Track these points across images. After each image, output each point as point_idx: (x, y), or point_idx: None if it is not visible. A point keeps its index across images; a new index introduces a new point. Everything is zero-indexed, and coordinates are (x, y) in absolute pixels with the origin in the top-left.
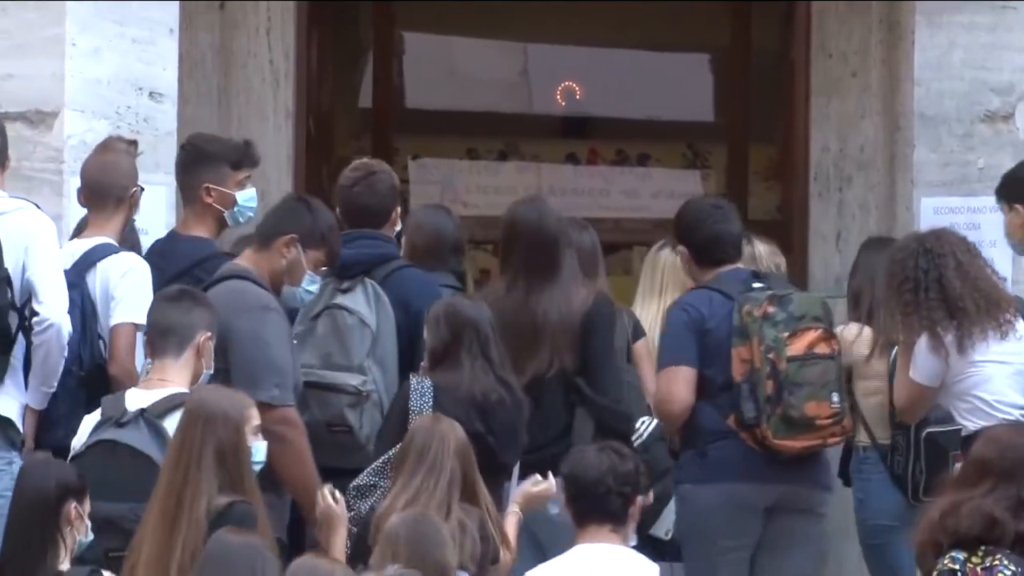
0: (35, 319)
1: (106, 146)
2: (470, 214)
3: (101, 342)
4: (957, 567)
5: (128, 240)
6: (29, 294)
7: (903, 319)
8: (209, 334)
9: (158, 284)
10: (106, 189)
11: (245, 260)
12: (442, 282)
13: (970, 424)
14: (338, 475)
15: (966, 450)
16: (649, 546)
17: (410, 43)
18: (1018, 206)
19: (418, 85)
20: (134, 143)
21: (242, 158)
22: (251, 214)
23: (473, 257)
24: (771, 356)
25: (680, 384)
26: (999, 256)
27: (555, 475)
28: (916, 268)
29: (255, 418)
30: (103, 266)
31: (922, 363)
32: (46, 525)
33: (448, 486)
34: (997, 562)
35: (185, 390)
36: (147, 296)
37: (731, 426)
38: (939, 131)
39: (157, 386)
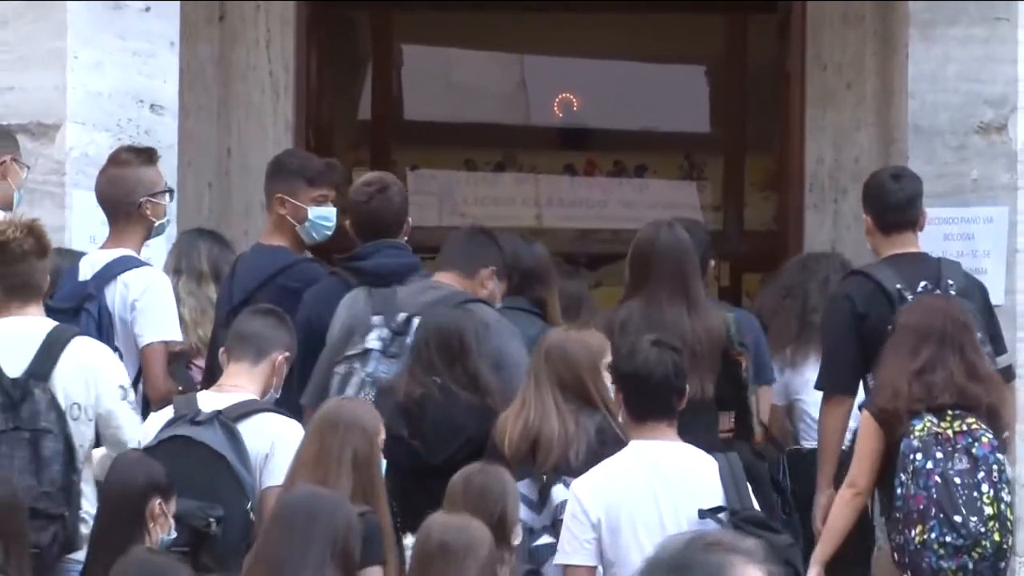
0: None
1: (112, 159)
2: (467, 224)
3: (116, 354)
4: (939, 430)
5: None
6: None
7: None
8: (288, 354)
9: (242, 292)
10: (115, 202)
11: (455, 284)
12: (513, 305)
13: (805, 444)
14: None
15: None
16: None
17: (408, 55)
18: (865, 215)
19: (416, 97)
20: (148, 150)
21: (318, 175)
22: (327, 231)
23: None
24: None
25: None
26: (992, 265)
27: None
28: (790, 279)
29: (383, 432)
30: (123, 279)
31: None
32: (131, 520)
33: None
34: (976, 425)
35: (257, 398)
36: (171, 310)
37: None
38: (933, 143)
39: (230, 391)
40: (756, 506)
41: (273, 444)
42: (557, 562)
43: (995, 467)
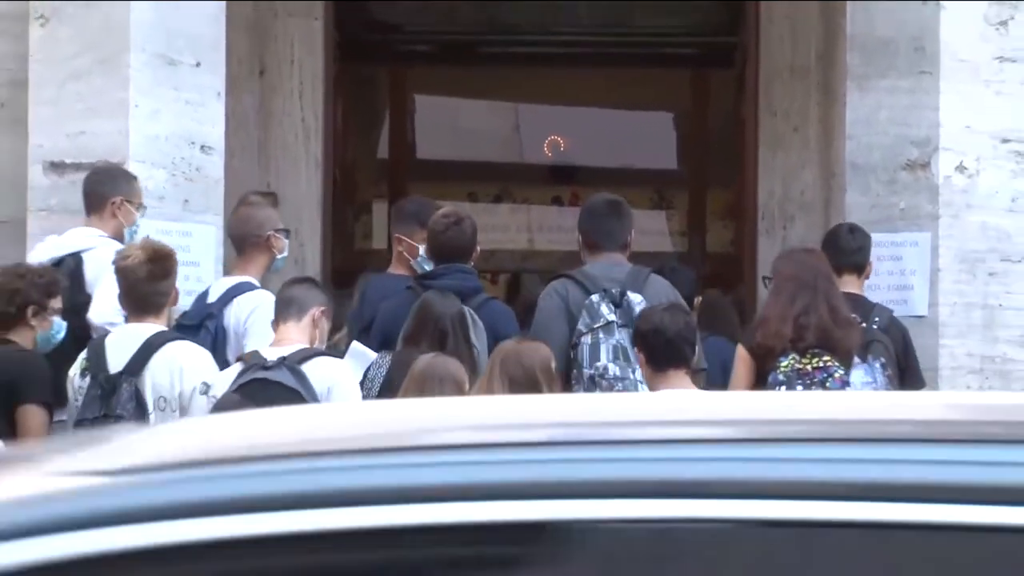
0: None
1: (241, 200)
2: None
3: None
4: (800, 366)
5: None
6: None
7: None
8: (324, 308)
9: (372, 310)
10: (242, 237)
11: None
12: None
13: None
14: None
15: None
16: None
17: (420, 104)
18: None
19: (427, 139)
20: (271, 195)
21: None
22: (427, 266)
23: None
24: None
25: None
26: (918, 283)
27: None
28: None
29: (467, 384)
30: (238, 301)
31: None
32: None
33: None
34: (831, 363)
35: (308, 346)
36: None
37: None
38: (868, 178)
39: (285, 344)
40: None
41: (332, 381)
42: None
43: None
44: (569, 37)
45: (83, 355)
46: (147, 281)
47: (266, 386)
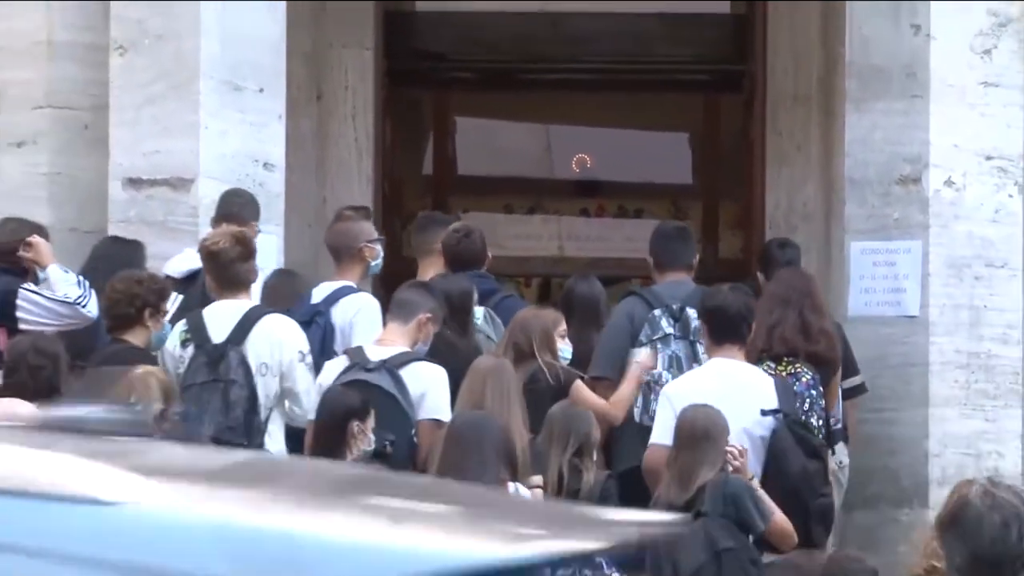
0: None
1: (338, 215)
2: (506, 255)
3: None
4: (772, 373)
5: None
6: None
7: None
8: (431, 315)
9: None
10: (339, 247)
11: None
12: None
13: None
14: None
15: None
16: None
17: (461, 126)
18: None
19: (467, 157)
20: (364, 208)
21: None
22: None
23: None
24: None
25: None
26: (910, 286)
27: None
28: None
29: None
30: (343, 303)
31: None
32: (336, 436)
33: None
34: (800, 368)
35: (409, 350)
36: (377, 324)
37: None
38: (864, 191)
39: (388, 344)
40: (809, 416)
41: (426, 386)
42: (650, 442)
43: (808, 399)
44: (595, 65)
45: (181, 328)
46: (237, 261)
47: (367, 387)
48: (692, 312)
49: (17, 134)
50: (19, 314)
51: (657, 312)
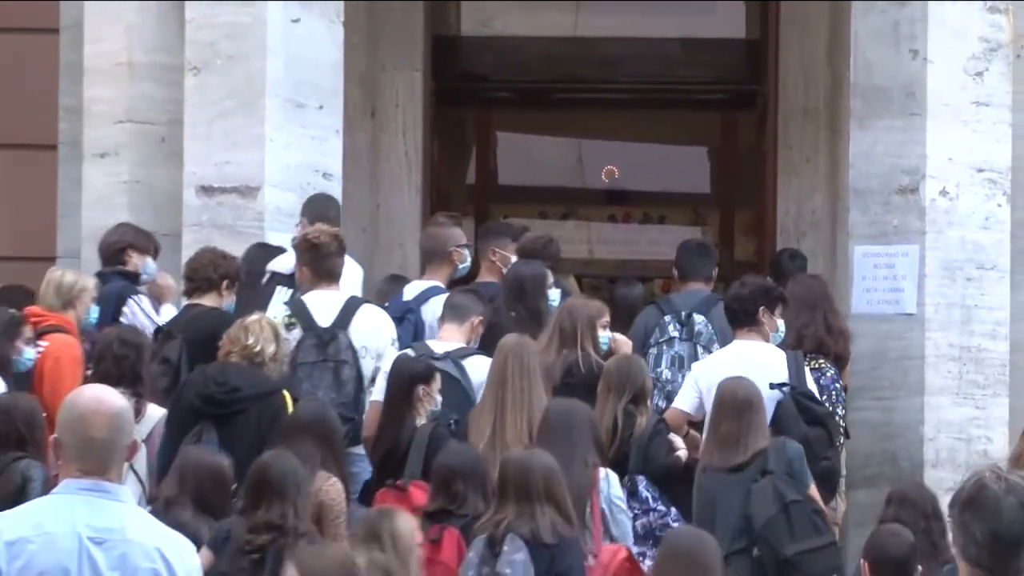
0: None
1: (431, 220)
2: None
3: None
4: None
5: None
6: None
7: None
8: (481, 319)
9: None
10: (430, 250)
11: None
12: None
13: None
14: None
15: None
16: None
17: (501, 140)
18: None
19: (506, 169)
20: (456, 216)
21: (517, 235)
22: None
23: None
24: None
25: None
26: (908, 286)
27: None
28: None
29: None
30: (433, 301)
31: None
32: (404, 400)
33: None
34: (824, 364)
35: (466, 346)
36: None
37: None
38: (867, 200)
39: (445, 340)
40: (811, 387)
41: (485, 376)
42: (672, 406)
43: (834, 392)
44: (622, 85)
45: (284, 312)
46: (334, 255)
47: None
48: (699, 318)
49: (101, 146)
50: (122, 318)
51: (667, 318)
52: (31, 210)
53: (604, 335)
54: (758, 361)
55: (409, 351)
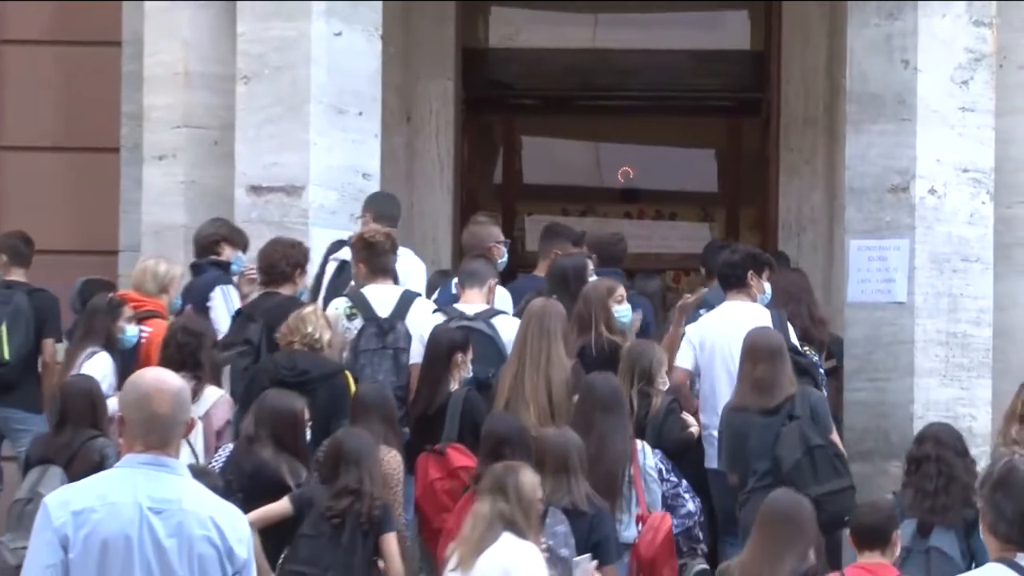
0: None
1: (472, 219)
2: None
3: None
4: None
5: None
6: None
7: None
8: (495, 281)
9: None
10: (470, 247)
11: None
12: None
13: None
14: None
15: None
16: None
17: (526, 143)
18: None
19: (530, 169)
20: (494, 215)
21: (579, 238)
22: None
23: None
24: None
25: None
26: (899, 277)
27: None
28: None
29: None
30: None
31: None
32: (443, 366)
33: None
34: (808, 351)
35: (490, 307)
36: (509, 309)
37: None
38: (861, 199)
39: (471, 303)
40: (795, 342)
41: (513, 333)
42: (674, 365)
43: (818, 376)
44: (637, 93)
45: (345, 304)
46: (390, 252)
47: (470, 331)
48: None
49: (159, 149)
50: (209, 303)
51: (702, 311)
52: (96, 208)
53: (621, 308)
54: (747, 319)
55: (440, 314)
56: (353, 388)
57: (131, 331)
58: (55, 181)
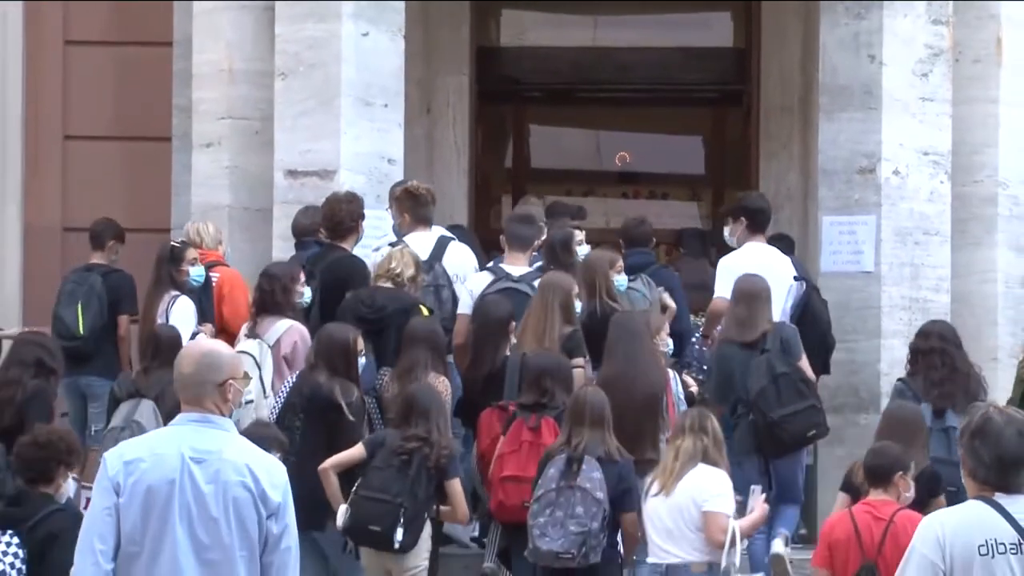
0: None
1: (521, 200)
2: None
3: None
4: None
5: None
6: None
7: None
8: (538, 242)
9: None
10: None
11: None
12: None
13: None
14: None
15: None
16: None
17: (534, 132)
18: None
19: (538, 155)
20: (542, 200)
21: (576, 212)
22: None
23: None
24: None
25: None
26: (867, 250)
27: None
28: None
29: (576, 288)
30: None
31: None
32: (501, 335)
33: None
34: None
35: (532, 269)
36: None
37: None
38: (833, 179)
39: (516, 264)
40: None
41: None
42: (715, 296)
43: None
44: (633, 87)
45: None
46: (430, 204)
47: (516, 294)
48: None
49: (207, 138)
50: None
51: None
52: (150, 190)
53: (619, 278)
54: (772, 260)
55: (487, 273)
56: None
57: (195, 272)
58: (114, 167)
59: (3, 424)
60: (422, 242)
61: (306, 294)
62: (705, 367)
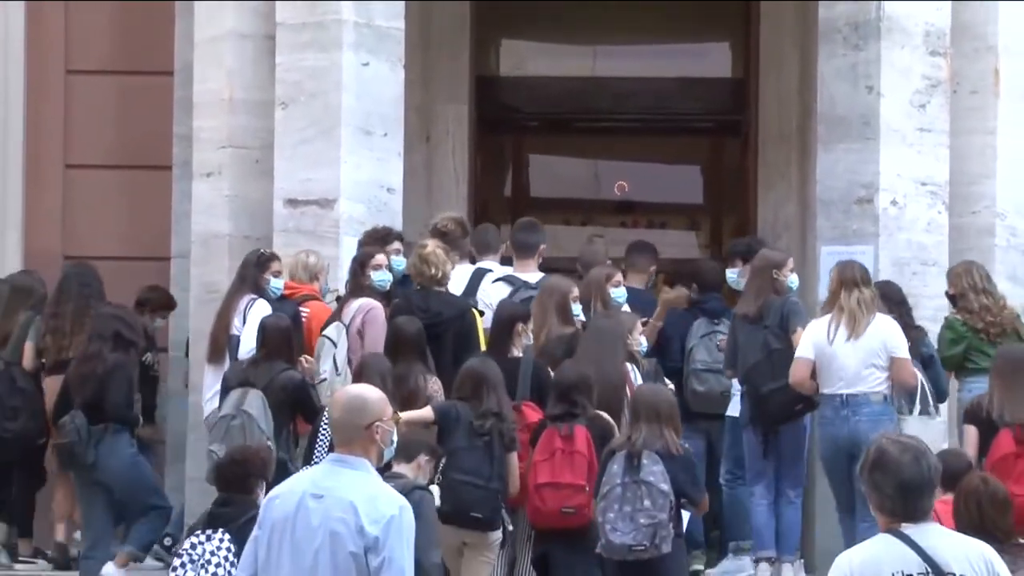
0: None
1: (588, 238)
2: (565, 255)
3: None
4: None
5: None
6: None
7: None
8: (543, 247)
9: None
10: (588, 263)
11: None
12: None
13: None
14: None
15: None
16: None
17: (532, 161)
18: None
19: (536, 183)
20: (600, 233)
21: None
22: None
23: None
24: None
25: None
26: None
27: None
28: None
29: (575, 291)
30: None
31: None
32: (507, 333)
33: None
34: None
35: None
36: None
37: None
38: (830, 209)
39: (527, 271)
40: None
41: None
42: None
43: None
44: (630, 116)
45: None
46: (460, 238)
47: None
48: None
49: (207, 167)
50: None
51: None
52: (150, 219)
53: (617, 291)
54: None
55: (502, 283)
56: (480, 322)
57: (275, 283)
58: (114, 195)
59: (85, 397)
60: (458, 276)
61: (389, 273)
62: None
